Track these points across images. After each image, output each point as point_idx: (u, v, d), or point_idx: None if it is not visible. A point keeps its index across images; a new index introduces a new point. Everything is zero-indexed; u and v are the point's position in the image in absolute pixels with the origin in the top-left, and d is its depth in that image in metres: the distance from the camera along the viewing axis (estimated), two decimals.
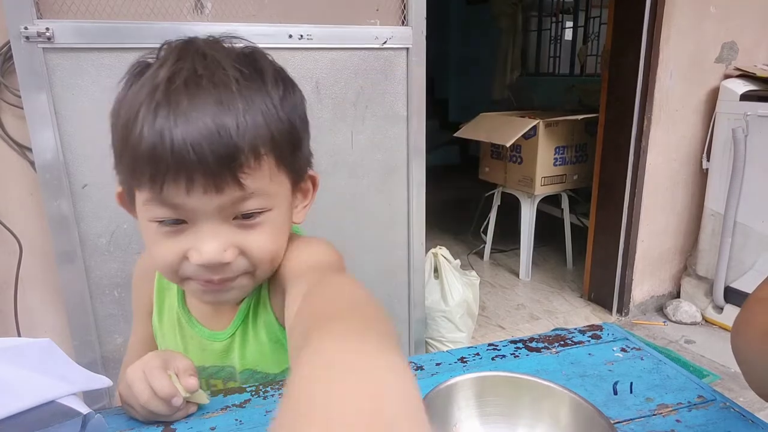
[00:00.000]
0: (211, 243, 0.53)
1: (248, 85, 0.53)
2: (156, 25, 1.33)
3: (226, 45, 0.56)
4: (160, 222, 0.53)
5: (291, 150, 0.57)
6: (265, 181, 0.54)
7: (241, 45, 0.58)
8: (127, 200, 0.59)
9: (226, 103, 0.50)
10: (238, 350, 0.67)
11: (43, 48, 1.24)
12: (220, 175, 0.50)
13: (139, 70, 0.55)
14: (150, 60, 0.55)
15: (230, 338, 0.67)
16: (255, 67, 0.55)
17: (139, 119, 0.49)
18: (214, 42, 0.55)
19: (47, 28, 1.22)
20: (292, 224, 0.63)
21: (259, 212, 0.55)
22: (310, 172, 0.64)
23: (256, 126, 0.52)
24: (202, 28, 1.36)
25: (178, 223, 0.53)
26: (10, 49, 1.23)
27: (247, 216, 0.54)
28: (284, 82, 0.58)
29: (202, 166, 0.49)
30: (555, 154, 2.88)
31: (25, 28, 1.21)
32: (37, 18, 1.23)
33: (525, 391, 0.54)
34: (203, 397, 0.60)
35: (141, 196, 0.53)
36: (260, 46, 0.61)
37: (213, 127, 0.49)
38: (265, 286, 0.66)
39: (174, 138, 0.48)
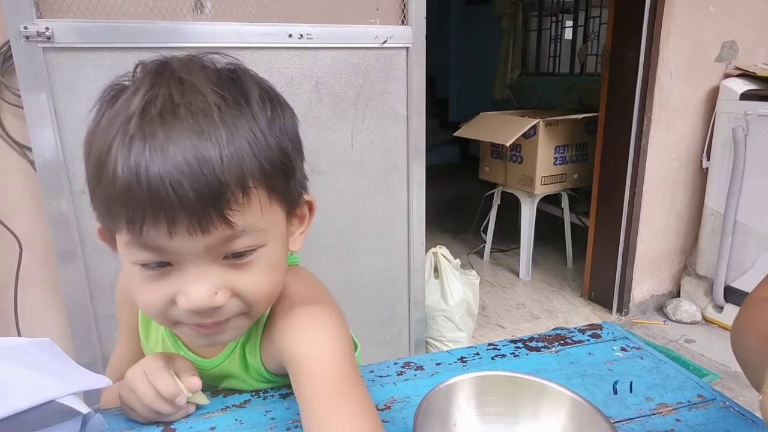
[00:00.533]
0: (200, 286, 0.48)
1: (231, 112, 0.47)
2: (156, 25, 1.33)
3: (205, 65, 0.50)
4: (143, 265, 0.48)
5: (284, 178, 0.51)
6: (256, 216, 0.48)
7: (223, 62, 0.52)
8: (108, 237, 0.53)
9: (207, 133, 0.44)
10: (228, 379, 0.65)
11: (43, 47, 1.24)
12: (205, 214, 0.44)
13: (113, 94, 0.49)
14: (126, 82, 0.50)
15: (218, 367, 0.64)
16: (238, 89, 0.49)
17: (112, 154, 0.44)
18: (190, 63, 0.49)
19: (47, 28, 1.22)
20: (288, 255, 0.58)
21: (252, 250, 0.49)
22: (306, 197, 0.58)
23: (241, 157, 0.46)
24: (202, 28, 1.36)
25: (163, 265, 0.48)
26: (9, 48, 1.23)
27: (238, 255, 0.49)
28: (271, 102, 0.51)
29: (183, 205, 0.43)
30: (555, 154, 2.88)
31: (25, 28, 1.21)
32: (37, 17, 1.23)
33: (524, 390, 0.54)
34: (203, 398, 0.61)
35: (121, 239, 0.48)
36: (260, 45, 0.59)
37: (193, 162, 0.43)
38: (259, 333, 0.61)
39: (150, 175, 0.43)
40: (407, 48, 1.60)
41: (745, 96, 2.24)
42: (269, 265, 0.52)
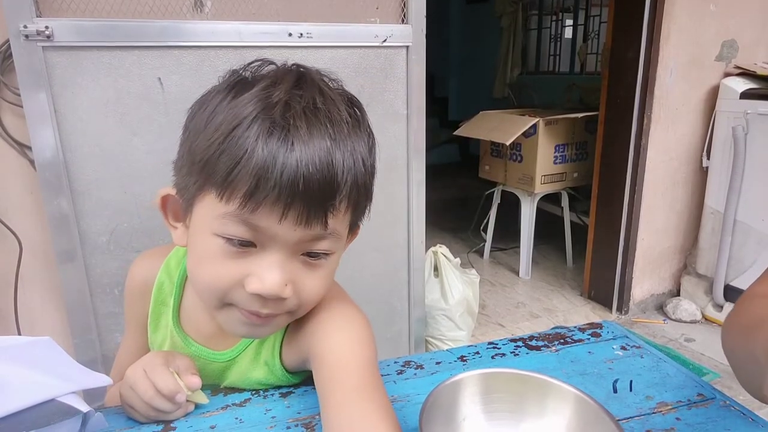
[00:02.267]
0: (276, 274, 0.50)
1: (355, 130, 0.52)
2: (156, 24, 1.32)
3: (333, 84, 0.56)
4: (229, 240, 0.50)
5: (367, 200, 0.56)
6: (342, 225, 0.53)
7: (339, 87, 0.57)
8: (177, 206, 0.56)
9: (339, 140, 0.49)
10: (235, 373, 0.65)
11: (43, 46, 1.23)
12: (316, 209, 0.49)
13: (241, 80, 0.53)
14: (247, 75, 0.54)
15: (230, 361, 0.65)
16: (356, 114, 0.55)
17: (250, 133, 0.47)
18: (325, 78, 0.55)
19: (47, 27, 1.22)
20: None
21: (326, 254, 0.53)
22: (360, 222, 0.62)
23: (356, 170, 0.51)
24: (202, 27, 1.36)
25: (247, 246, 0.50)
26: (9, 47, 1.23)
27: (314, 255, 0.53)
28: (372, 134, 0.57)
29: (304, 196, 0.47)
30: (555, 153, 2.88)
31: (25, 27, 1.20)
32: (37, 16, 1.22)
33: (530, 388, 0.54)
34: (203, 397, 0.61)
35: (218, 209, 0.49)
36: (260, 44, 0.61)
37: (325, 162, 0.48)
38: (281, 330, 0.63)
39: (288, 162, 0.46)
40: (407, 47, 1.60)
41: (745, 95, 2.24)
42: (330, 272, 0.56)
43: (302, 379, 0.65)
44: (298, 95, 0.49)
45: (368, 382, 0.53)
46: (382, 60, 1.59)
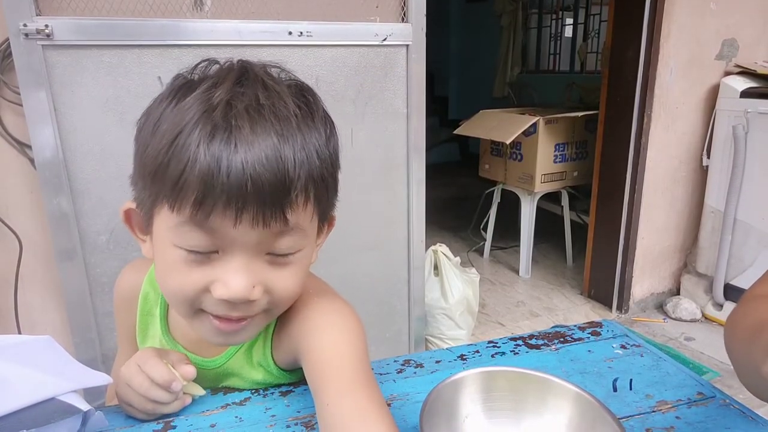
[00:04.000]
0: (241, 277, 0.49)
1: (305, 122, 0.50)
2: (156, 22, 1.32)
3: (281, 76, 0.54)
4: (188, 250, 0.49)
5: (329, 191, 0.55)
6: (305, 220, 0.51)
7: (289, 78, 0.55)
8: (140, 219, 0.55)
9: (286, 136, 0.48)
10: (232, 377, 0.65)
11: (43, 45, 1.23)
12: (271, 208, 0.47)
13: (185, 84, 0.51)
14: (194, 77, 0.52)
15: (221, 367, 0.64)
16: (308, 104, 0.53)
17: (192, 137, 0.46)
18: (270, 72, 0.53)
19: (46, 25, 1.22)
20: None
21: (292, 253, 0.52)
22: (332, 213, 0.61)
23: (310, 163, 0.49)
24: (202, 25, 1.36)
25: (208, 253, 0.49)
26: (9, 46, 1.23)
27: (281, 254, 0.51)
28: (329, 122, 0.55)
29: (256, 197, 0.46)
30: (555, 152, 2.88)
31: (25, 25, 1.20)
32: (36, 15, 1.22)
33: (531, 385, 0.55)
34: (199, 389, 0.61)
35: (172, 219, 0.48)
36: (260, 43, 0.61)
37: (273, 159, 0.46)
38: (270, 330, 0.62)
39: (232, 165, 0.45)
40: (407, 46, 1.59)
41: (746, 94, 2.23)
42: (302, 268, 0.54)
43: (302, 376, 0.65)
44: (240, 93, 0.48)
45: (361, 376, 0.53)
46: (382, 59, 1.59)
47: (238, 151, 0.45)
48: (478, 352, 0.72)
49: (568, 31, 5.04)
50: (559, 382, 0.54)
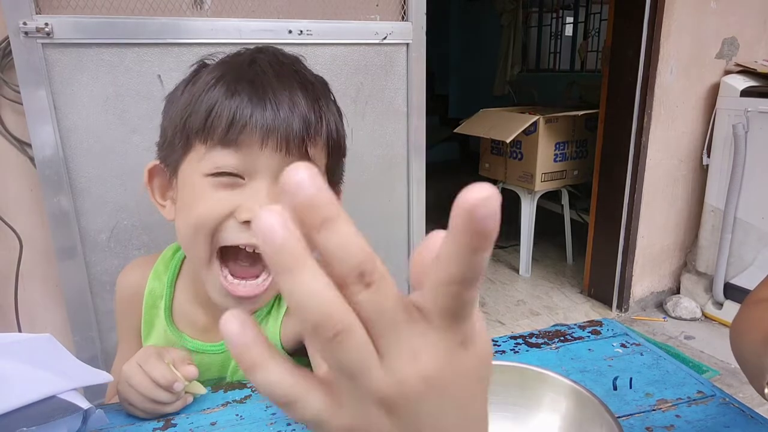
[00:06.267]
0: (265, 202, 0.52)
1: (324, 92, 0.57)
2: (155, 21, 1.32)
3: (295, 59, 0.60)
4: (215, 175, 0.53)
5: (339, 156, 0.62)
6: (320, 161, 0.57)
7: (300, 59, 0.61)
8: (163, 178, 0.60)
9: (309, 90, 0.54)
10: (232, 364, 0.66)
11: (42, 43, 1.23)
12: (294, 136, 0.52)
13: (201, 66, 0.58)
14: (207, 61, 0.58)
15: (227, 352, 0.65)
16: (324, 84, 0.60)
17: (221, 85, 0.51)
18: (285, 53, 0.60)
19: (46, 24, 1.22)
20: None
21: None
22: (340, 185, 0.67)
23: (329, 118, 0.56)
24: (202, 24, 1.36)
25: (235, 177, 0.53)
26: (9, 44, 1.23)
27: None
28: (335, 101, 0.62)
29: (284, 124, 0.51)
30: (555, 150, 2.88)
31: (24, 24, 1.20)
32: (36, 13, 1.22)
33: (528, 380, 0.55)
34: (200, 387, 0.61)
35: (203, 151, 0.53)
36: (260, 41, 0.63)
37: (300, 97, 0.52)
38: (281, 311, 0.65)
39: (258, 97, 0.51)
40: (407, 44, 1.59)
41: (746, 93, 2.23)
42: None
43: (306, 363, 0.65)
44: (260, 56, 0.54)
45: None
46: (382, 57, 1.59)
47: (264, 91, 0.51)
48: None
49: (569, 30, 5.03)
50: (555, 376, 0.54)
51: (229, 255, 0.58)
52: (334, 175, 0.62)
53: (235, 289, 0.57)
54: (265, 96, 0.51)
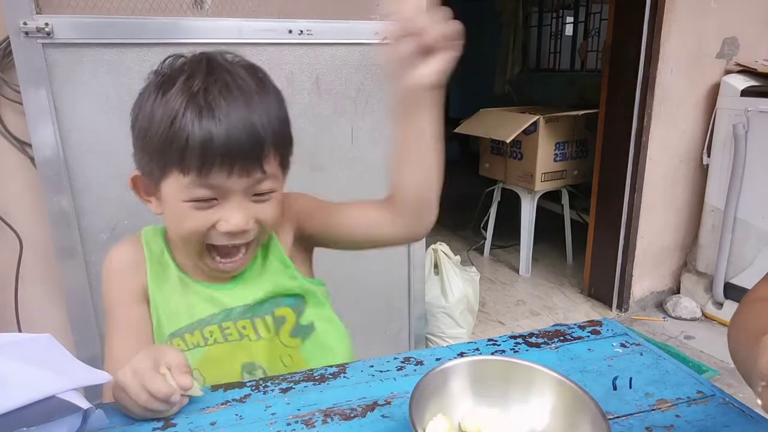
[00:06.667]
0: (239, 214, 0.66)
1: (263, 95, 0.66)
2: (156, 21, 1.32)
3: (237, 61, 0.69)
4: (196, 201, 0.65)
5: (288, 145, 0.72)
6: (275, 168, 0.68)
7: (238, 59, 0.70)
8: (145, 184, 0.71)
9: (252, 108, 0.64)
10: (248, 287, 0.75)
11: (43, 43, 1.23)
12: (251, 162, 0.64)
13: (164, 79, 0.65)
14: (165, 71, 0.67)
15: (240, 280, 0.76)
16: (262, 80, 0.69)
17: (186, 119, 0.61)
18: (228, 58, 0.68)
19: (46, 24, 1.22)
20: None
21: (270, 191, 0.69)
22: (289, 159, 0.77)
23: (271, 125, 0.66)
24: (202, 24, 1.36)
25: (210, 201, 0.65)
26: (9, 44, 1.23)
27: (261, 194, 0.68)
28: (278, 92, 0.71)
29: (241, 155, 0.63)
30: (555, 150, 2.87)
31: (24, 24, 1.20)
32: (37, 13, 1.22)
33: (517, 374, 0.56)
34: (197, 390, 0.61)
35: (180, 182, 0.64)
36: (260, 41, 0.65)
37: (247, 126, 0.63)
38: (277, 244, 0.78)
39: (221, 135, 0.61)
40: None
41: (746, 92, 2.23)
42: (278, 203, 0.72)
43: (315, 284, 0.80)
44: (212, 80, 0.63)
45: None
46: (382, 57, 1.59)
47: (221, 123, 0.61)
48: (478, 349, 0.72)
49: (569, 30, 5.03)
50: (544, 370, 0.56)
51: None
52: (285, 160, 0.72)
53: (224, 267, 0.71)
54: (223, 133, 0.61)
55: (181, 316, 0.73)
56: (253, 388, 0.64)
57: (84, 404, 0.52)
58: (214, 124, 0.61)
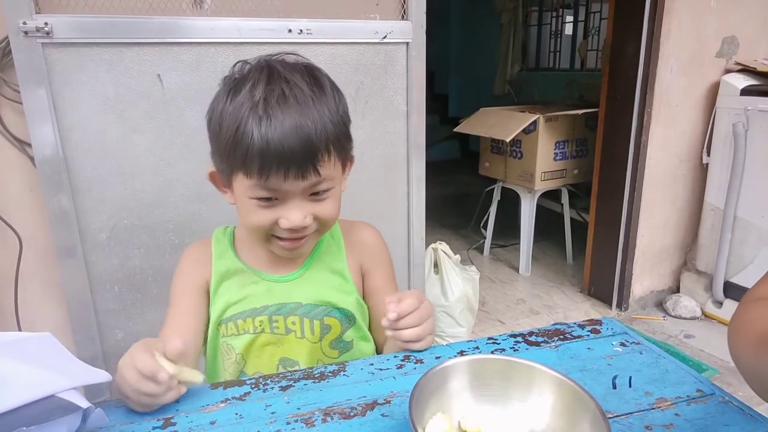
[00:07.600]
0: (297, 213, 0.73)
1: (318, 99, 0.72)
2: (155, 20, 1.32)
3: (296, 66, 0.74)
4: (260, 199, 0.72)
5: (345, 143, 0.77)
6: (331, 169, 0.73)
7: (301, 60, 0.76)
8: (222, 179, 0.78)
9: (307, 114, 0.69)
10: (305, 286, 0.83)
11: (42, 43, 1.23)
12: (306, 167, 0.70)
13: (233, 86, 0.72)
14: (236, 76, 0.74)
15: (298, 278, 0.83)
16: (318, 82, 0.74)
17: (248, 128, 0.68)
18: (289, 66, 0.74)
19: (46, 23, 1.22)
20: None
21: (327, 190, 0.75)
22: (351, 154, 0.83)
23: (326, 130, 0.71)
24: (202, 23, 1.36)
25: (272, 200, 0.72)
26: (8, 44, 1.23)
27: (319, 193, 0.74)
28: (336, 90, 0.76)
29: (295, 161, 0.69)
30: (555, 149, 2.88)
31: (24, 23, 1.20)
32: (36, 13, 1.22)
33: (517, 372, 0.57)
34: (195, 375, 0.61)
35: (245, 182, 0.71)
36: (260, 40, 0.65)
37: (302, 133, 0.68)
38: (340, 242, 0.89)
39: (276, 143, 0.67)
40: (407, 43, 1.59)
41: (746, 91, 2.23)
42: (335, 200, 0.78)
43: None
44: (270, 90, 0.69)
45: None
46: (382, 57, 1.59)
47: (277, 131, 0.68)
48: (478, 348, 0.72)
49: (569, 29, 5.03)
50: (544, 369, 0.56)
51: None
52: (345, 158, 0.78)
53: (288, 246, 0.77)
54: (280, 140, 0.67)
55: (238, 305, 0.82)
56: (253, 386, 0.64)
57: (84, 403, 0.52)
58: (270, 131, 0.67)
